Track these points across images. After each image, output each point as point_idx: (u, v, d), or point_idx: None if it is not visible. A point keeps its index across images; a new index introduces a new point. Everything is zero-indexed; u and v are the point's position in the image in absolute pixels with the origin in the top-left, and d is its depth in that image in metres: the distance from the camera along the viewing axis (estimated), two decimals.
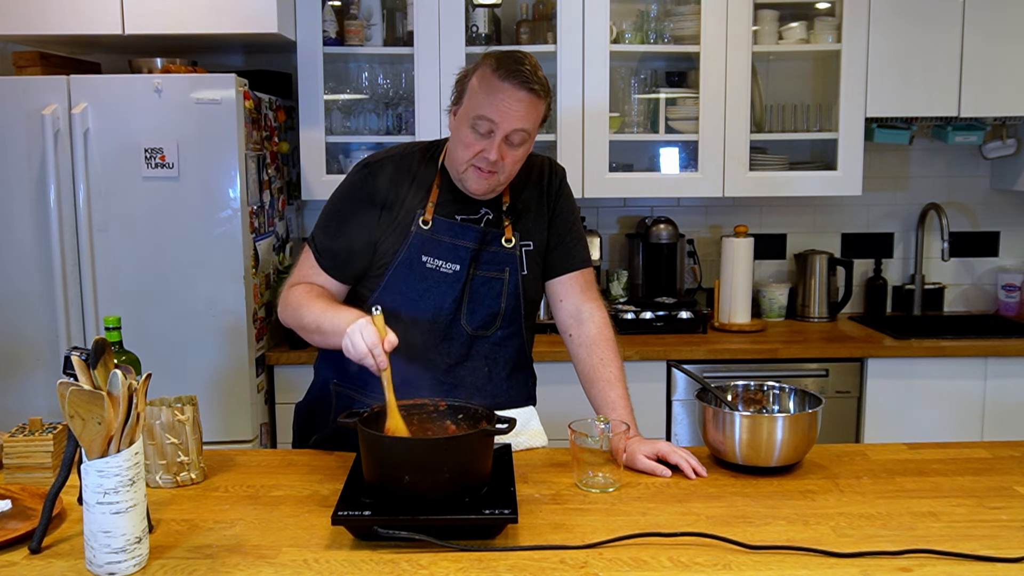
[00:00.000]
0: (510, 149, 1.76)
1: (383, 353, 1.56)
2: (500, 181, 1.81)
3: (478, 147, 1.75)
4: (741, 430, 1.70)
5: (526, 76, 1.70)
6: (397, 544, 1.40)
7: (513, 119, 1.72)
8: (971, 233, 3.68)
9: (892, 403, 3.08)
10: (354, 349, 1.58)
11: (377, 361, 1.56)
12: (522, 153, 1.79)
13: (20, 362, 2.80)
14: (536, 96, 1.73)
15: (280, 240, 3.21)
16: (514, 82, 1.70)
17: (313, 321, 1.74)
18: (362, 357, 1.57)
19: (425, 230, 1.84)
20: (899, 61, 3.18)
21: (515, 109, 1.71)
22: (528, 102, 1.72)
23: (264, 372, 2.98)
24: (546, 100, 1.77)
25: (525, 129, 1.74)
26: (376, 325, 1.59)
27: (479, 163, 1.77)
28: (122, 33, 2.79)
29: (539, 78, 1.73)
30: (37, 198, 2.73)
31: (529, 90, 1.71)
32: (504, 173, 1.79)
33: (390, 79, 3.30)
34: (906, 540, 1.42)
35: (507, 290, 1.87)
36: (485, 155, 1.75)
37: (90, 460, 1.29)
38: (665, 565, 1.35)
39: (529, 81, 1.71)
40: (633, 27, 3.25)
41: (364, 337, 1.56)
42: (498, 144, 1.73)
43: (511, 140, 1.75)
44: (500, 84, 1.71)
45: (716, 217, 3.63)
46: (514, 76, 1.70)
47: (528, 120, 1.74)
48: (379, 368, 1.57)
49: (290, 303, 1.83)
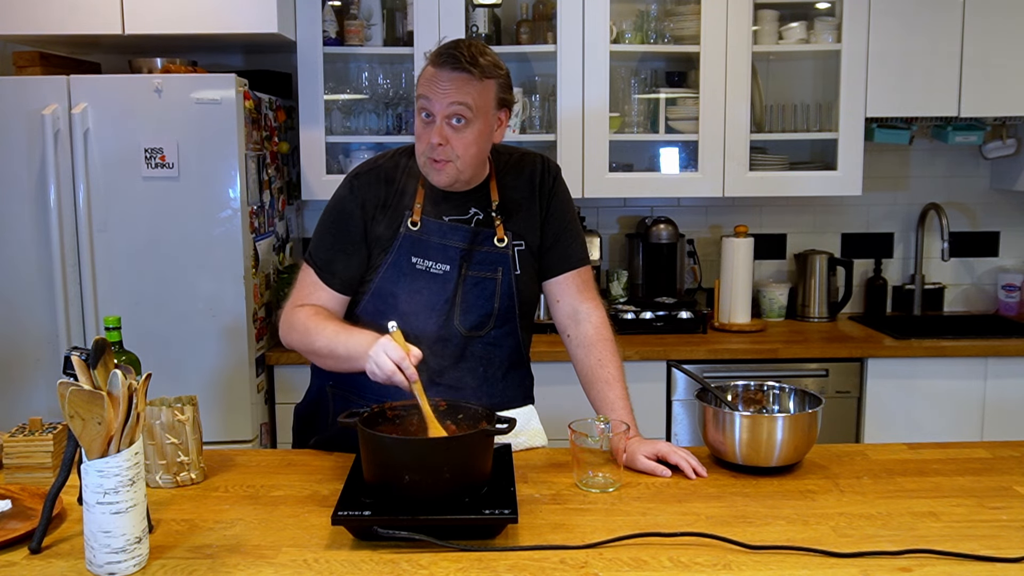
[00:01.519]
0: (454, 132, 1.75)
1: (411, 366, 1.57)
2: (459, 169, 1.79)
3: (426, 136, 1.76)
4: (741, 430, 1.70)
5: (457, 58, 1.72)
6: (397, 544, 1.40)
7: (445, 96, 1.73)
8: (971, 233, 3.68)
9: (892, 403, 3.08)
10: (380, 371, 1.58)
11: (407, 375, 1.57)
12: (471, 136, 1.76)
13: (20, 362, 2.80)
14: (469, 75, 1.73)
15: (280, 240, 3.21)
16: (446, 65, 1.73)
17: (326, 346, 1.74)
18: (390, 375, 1.58)
19: (414, 231, 1.83)
20: (899, 61, 3.18)
21: (446, 88, 1.73)
22: (460, 80, 1.73)
23: (264, 372, 2.98)
24: (488, 80, 1.75)
25: (461, 102, 1.73)
26: (397, 341, 1.60)
27: (430, 153, 1.77)
28: (122, 33, 2.79)
29: (476, 60, 1.74)
30: (37, 198, 2.73)
31: (461, 69, 1.72)
32: (459, 160, 1.77)
33: (390, 79, 3.30)
34: (906, 540, 1.42)
35: (500, 290, 1.87)
36: (431, 141, 1.75)
37: (90, 460, 1.29)
38: (665, 565, 1.35)
39: (459, 61, 1.72)
40: (633, 27, 3.25)
41: (390, 355, 1.57)
42: (439, 127, 1.74)
43: (453, 121, 1.74)
44: (436, 70, 1.74)
45: (716, 217, 3.63)
46: (446, 60, 1.73)
47: (462, 95, 1.73)
48: (410, 381, 1.58)
49: (296, 327, 1.82)
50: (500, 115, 1.82)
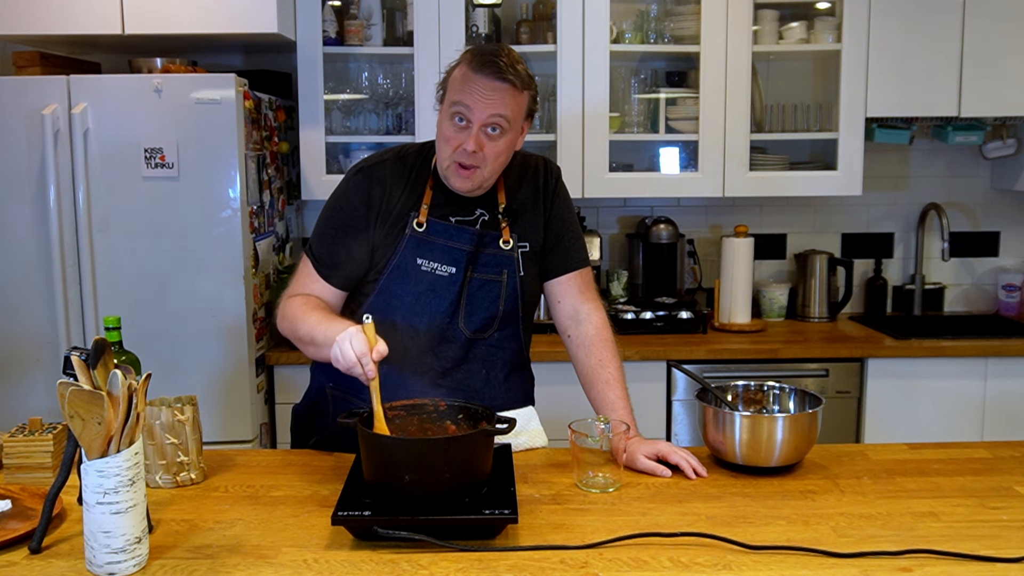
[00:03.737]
0: (488, 140, 1.75)
1: (371, 362, 1.53)
2: (484, 176, 1.80)
3: (457, 140, 1.75)
4: (741, 430, 1.70)
5: (500, 67, 1.71)
6: (397, 544, 1.40)
7: (487, 106, 1.72)
8: (971, 233, 3.68)
9: (892, 403, 3.08)
10: (343, 358, 1.55)
11: (365, 370, 1.53)
12: (503, 145, 1.77)
13: (20, 362, 2.80)
14: (512, 86, 1.73)
15: (280, 240, 3.21)
16: (488, 72, 1.72)
17: (308, 333, 1.73)
18: (350, 366, 1.54)
19: (419, 232, 1.83)
20: (899, 61, 3.18)
21: (489, 97, 1.72)
22: (503, 91, 1.72)
23: (264, 372, 2.98)
24: (525, 92, 1.76)
25: (501, 115, 1.73)
26: (366, 334, 1.55)
27: (460, 158, 1.76)
28: (122, 33, 2.79)
29: (516, 70, 1.74)
30: (37, 198, 2.73)
31: (503, 79, 1.72)
32: (487, 167, 1.78)
33: (390, 79, 3.30)
34: (906, 540, 1.42)
35: (505, 293, 1.86)
36: (464, 147, 1.74)
37: (90, 460, 1.29)
38: (665, 565, 1.35)
39: (503, 71, 1.71)
40: (633, 27, 3.25)
41: (353, 346, 1.53)
42: (475, 134, 1.74)
43: (488, 130, 1.74)
44: (475, 75, 1.73)
45: (716, 217, 3.63)
46: (488, 67, 1.72)
47: (503, 107, 1.73)
48: (367, 378, 1.54)
49: (287, 315, 1.82)
50: (525, 124, 1.83)
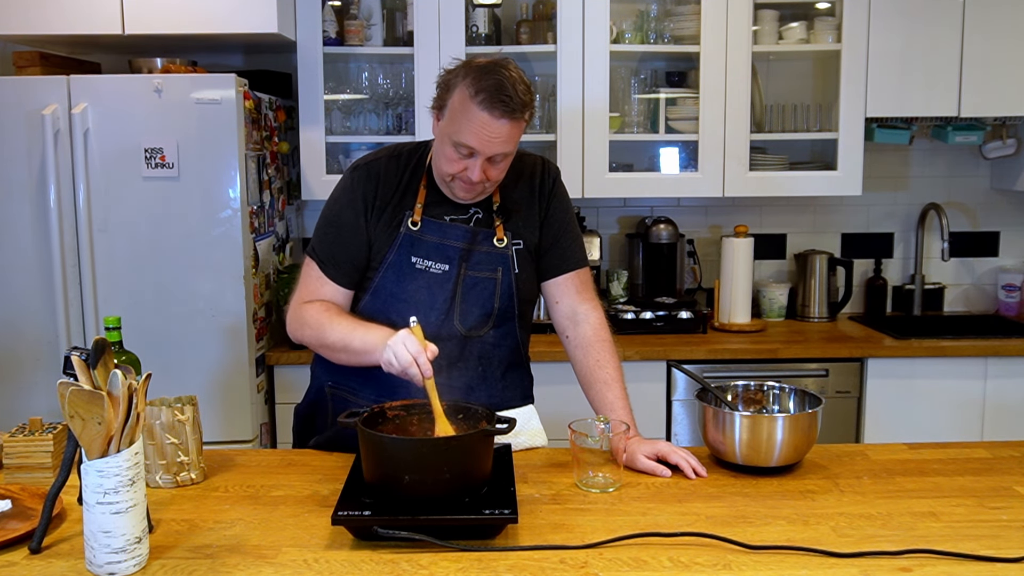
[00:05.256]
0: (493, 166, 1.76)
1: (427, 362, 1.58)
2: (487, 188, 1.83)
3: (461, 166, 1.75)
4: (741, 430, 1.70)
5: (506, 104, 1.67)
6: (397, 544, 1.40)
7: (494, 146, 1.71)
8: (971, 233, 3.68)
9: (892, 403, 3.08)
10: (398, 361, 1.59)
11: (422, 370, 1.57)
12: (505, 165, 1.80)
13: (20, 362, 2.80)
14: (518, 120, 1.71)
15: (280, 240, 3.21)
16: (494, 112, 1.67)
17: (340, 340, 1.75)
18: (406, 367, 1.58)
19: (414, 231, 1.84)
20: (899, 61, 3.18)
21: (495, 136, 1.70)
22: (509, 127, 1.70)
23: (264, 372, 2.98)
24: (528, 113, 1.74)
25: (509, 152, 1.76)
26: (416, 336, 1.60)
27: (463, 180, 1.78)
28: (122, 33, 2.79)
29: (520, 100, 1.69)
30: (37, 198, 2.73)
31: (510, 117, 1.69)
32: (491, 184, 1.81)
33: (390, 79, 3.30)
34: (906, 540, 1.42)
35: (500, 290, 1.87)
36: (470, 176, 1.75)
37: (90, 460, 1.29)
38: (665, 565, 1.35)
39: (510, 109, 1.68)
40: (633, 27, 3.25)
41: (408, 347, 1.58)
42: (480, 166, 1.74)
43: (494, 159, 1.75)
44: (479, 113, 1.68)
45: (716, 217, 3.63)
46: (494, 107, 1.67)
47: (510, 143, 1.73)
48: (424, 377, 1.58)
49: (307, 322, 1.82)
50: None
